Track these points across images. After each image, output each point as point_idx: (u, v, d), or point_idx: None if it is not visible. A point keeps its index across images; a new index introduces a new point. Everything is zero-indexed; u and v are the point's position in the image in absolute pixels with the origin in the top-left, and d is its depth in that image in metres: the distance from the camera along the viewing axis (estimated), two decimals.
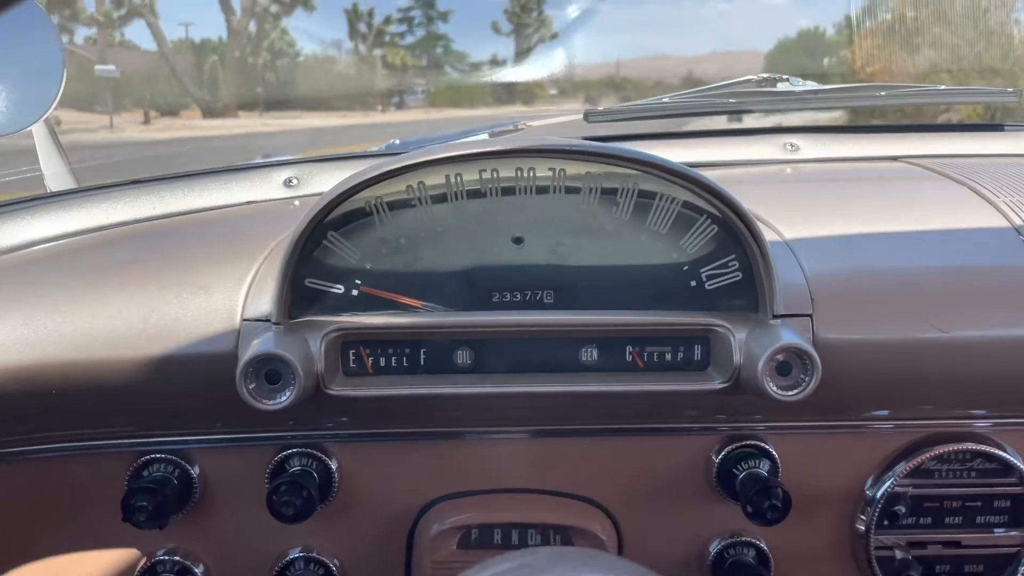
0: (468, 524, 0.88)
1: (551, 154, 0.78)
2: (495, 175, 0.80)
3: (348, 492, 0.87)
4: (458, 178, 0.80)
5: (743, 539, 0.90)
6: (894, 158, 1.12)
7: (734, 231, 0.80)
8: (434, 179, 0.80)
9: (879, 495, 0.89)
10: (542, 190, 0.81)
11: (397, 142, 1.25)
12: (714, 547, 0.90)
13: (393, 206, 0.80)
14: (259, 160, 1.07)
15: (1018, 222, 0.88)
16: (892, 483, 0.89)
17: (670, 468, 0.90)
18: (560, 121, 1.22)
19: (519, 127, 1.25)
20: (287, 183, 1.05)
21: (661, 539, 0.91)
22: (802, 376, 0.77)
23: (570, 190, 0.81)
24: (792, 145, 1.13)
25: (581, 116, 1.16)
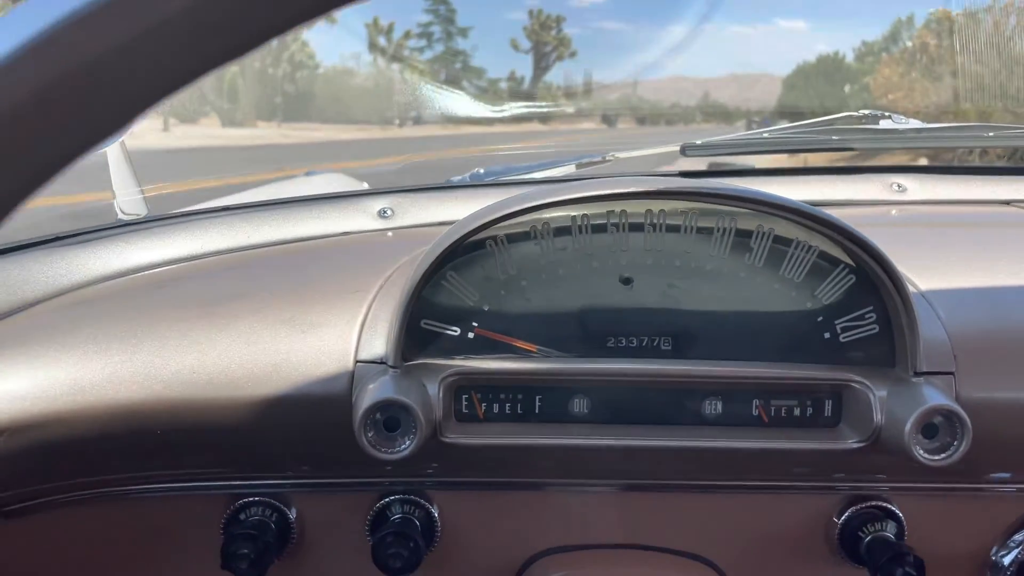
0: None
1: (692, 197, 0.74)
2: (623, 215, 0.76)
3: (450, 542, 0.83)
4: (585, 218, 0.76)
5: None
6: (1006, 202, 1.07)
7: (872, 281, 0.76)
8: (553, 214, 0.76)
9: (1008, 563, 0.84)
10: (672, 228, 0.77)
11: (482, 171, 1.22)
12: None
13: (512, 241, 0.76)
14: (353, 189, 1.04)
15: None
16: (1021, 551, 0.83)
17: (786, 528, 0.85)
18: (653, 152, 1.18)
19: (607, 159, 1.21)
20: (381, 213, 1.02)
21: None
22: (949, 439, 0.72)
23: (701, 230, 0.77)
24: (899, 186, 1.09)
25: (676, 148, 1.12)
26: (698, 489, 0.84)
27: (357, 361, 0.75)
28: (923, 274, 0.86)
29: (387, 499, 0.81)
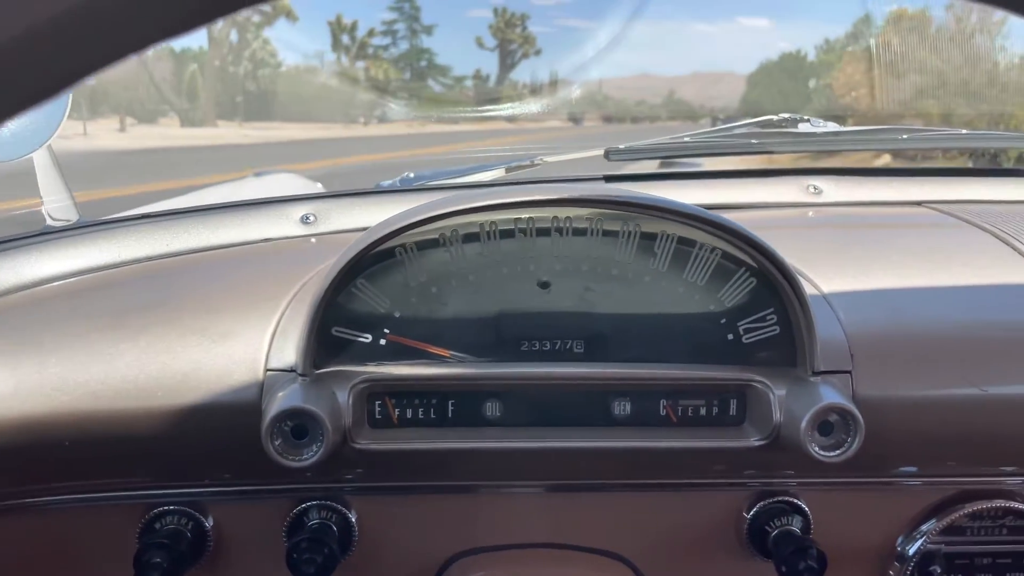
0: None
1: (593, 204, 0.76)
2: (530, 221, 0.77)
3: (368, 546, 0.84)
4: (493, 224, 0.77)
5: None
6: (918, 203, 1.11)
7: (773, 284, 0.78)
8: (461, 220, 0.78)
9: (912, 552, 0.87)
10: (579, 232, 0.78)
11: (411, 175, 1.23)
12: None
13: (424, 246, 0.78)
14: (276, 196, 1.04)
15: None
16: (925, 541, 0.87)
17: (699, 524, 0.87)
18: (578, 157, 1.20)
19: (535, 162, 1.23)
20: (304, 220, 1.02)
21: None
22: (844, 436, 0.75)
23: (607, 233, 0.79)
24: (815, 188, 1.12)
25: (600, 153, 1.14)
26: (613, 488, 0.86)
27: (267, 370, 0.76)
28: (829, 275, 0.88)
29: (304, 505, 0.82)
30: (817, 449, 0.74)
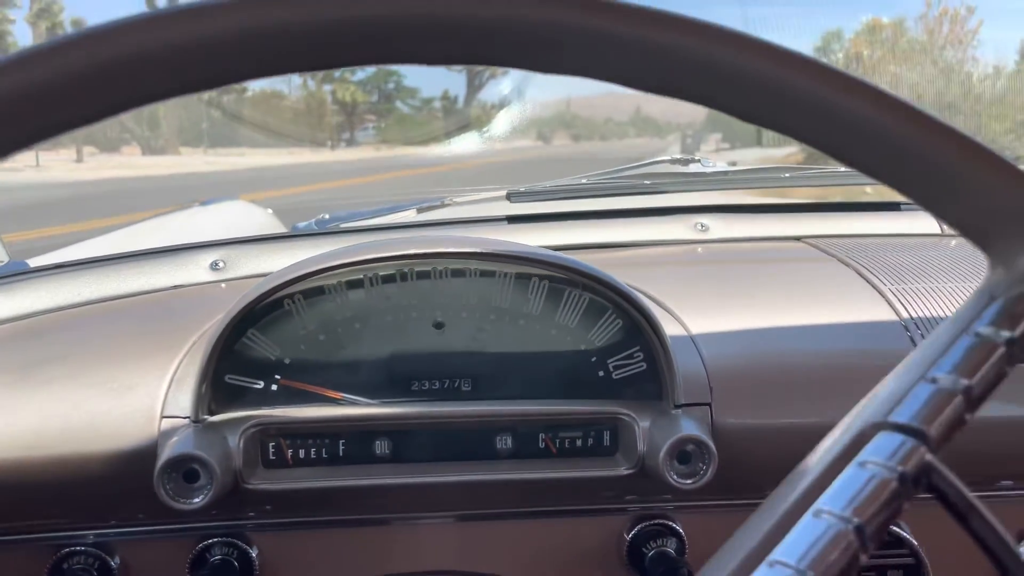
0: None
1: (467, 257, 0.82)
2: (411, 267, 0.84)
3: None
4: (375, 272, 0.83)
5: None
6: (797, 238, 1.19)
7: (637, 323, 0.85)
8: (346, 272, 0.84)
9: None
10: (458, 273, 0.85)
11: (327, 216, 1.28)
12: None
13: (311, 295, 0.83)
14: (185, 243, 1.09)
15: (898, 306, 0.95)
16: None
17: (584, 547, 0.93)
18: (484, 198, 1.26)
19: (445, 203, 1.29)
20: (213, 266, 1.07)
21: None
22: (701, 464, 0.81)
23: (485, 274, 0.85)
24: (702, 225, 1.19)
25: (503, 194, 1.21)
26: (503, 517, 0.92)
27: (163, 417, 0.81)
28: (701, 310, 0.96)
29: (206, 543, 0.86)
30: (675, 477, 0.81)
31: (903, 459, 0.35)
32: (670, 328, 0.91)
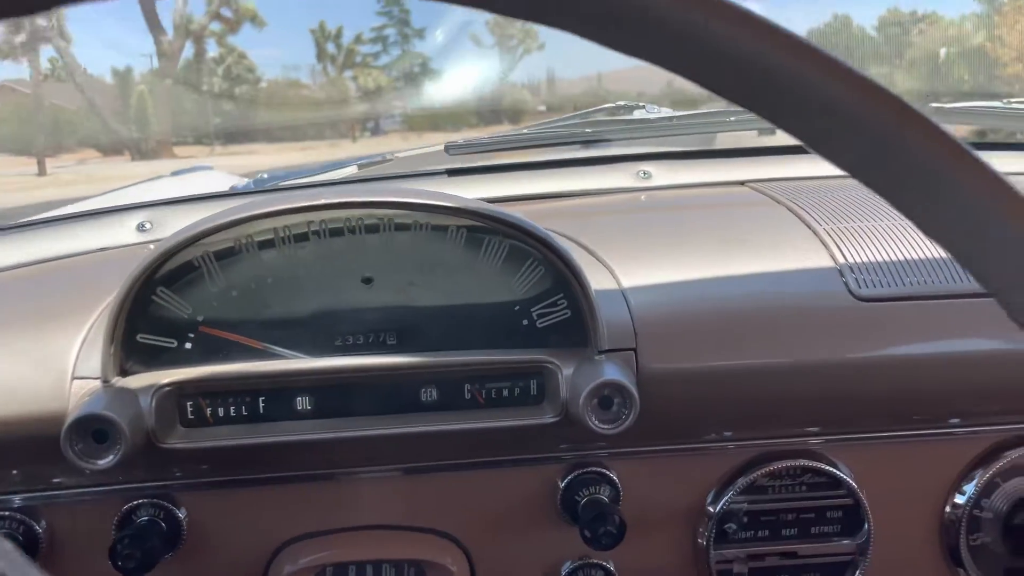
0: (322, 563, 0.89)
1: (376, 206, 0.80)
2: (323, 222, 0.82)
3: (199, 540, 0.88)
4: (286, 229, 0.81)
5: (591, 561, 0.94)
6: (741, 183, 1.17)
7: (560, 271, 0.84)
8: (264, 225, 0.82)
9: (716, 511, 0.93)
10: (372, 228, 0.83)
11: (265, 175, 1.26)
12: (564, 570, 0.94)
13: (224, 255, 0.82)
14: (109, 205, 1.07)
15: (833, 249, 0.94)
16: (728, 500, 0.93)
17: (519, 497, 0.93)
18: (423, 152, 1.24)
19: (387, 158, 1.27)
20: (140, 227, 1.05)
21: (512, 566, 0.94)
22: (623, 410, 0.80)
23: (400, 227, 0.83)
24: (645, 172, 1.17)
25: (441, 148, 1.19)
26: (436, 470, 0.91)
27: (74, 378, 0.79)
28: (628, 261, 0.94)
29: (130, 504, 0.86)
30: (596, 422, 0.80)
31: None
32: (600, 277, 0.90)
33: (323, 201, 0.78)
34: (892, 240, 0.95)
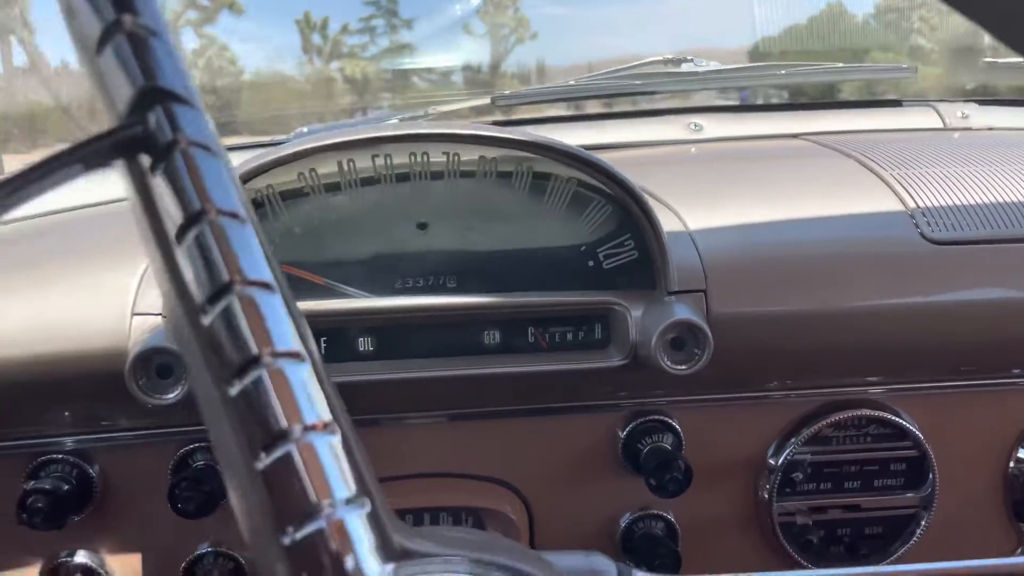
0: None
1: (439, 139, 0.78)
2: (388, 161, 0.80)
3: None
4: (351, 164, 0.79)
5: (651, 512, 0.92)
6: (795, 136, 1.15)
7: (629, 211, 0.81)
8: (329, 167, 0.80)
9: (779, 463, 0.91)
10: (437, 175, 0.81)
11: (305, 130, 1.24)
12: (624, 521, 0.92)
13: (288, 196, 0.80)
14: None
15: (903, 194, 0.92)
16: (791, 451, 0.91)
17: (578, 446, 0.91)
18: (468, 106, 1.22)
19: (429, 112, 1.24)
20: None
21: (572, 515, 0.92)
22: (695, 350, 0.79)
23: (466, 174, 0.81)
24: (696, 125, 1.15)
25: (488, 100, 1.16)
26: (495, 416, 0.89)
27: (134, 314, 0.77)
28: (696, 204, 0.92)
29: (187, 447, 0.84)
30: (668, 363, 0.78)
31: None
32: (666, 220, 0.87)
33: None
34: (963, 185, 0.93)
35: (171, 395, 0.73)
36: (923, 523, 0.94)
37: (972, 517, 0.96)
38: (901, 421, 0.92)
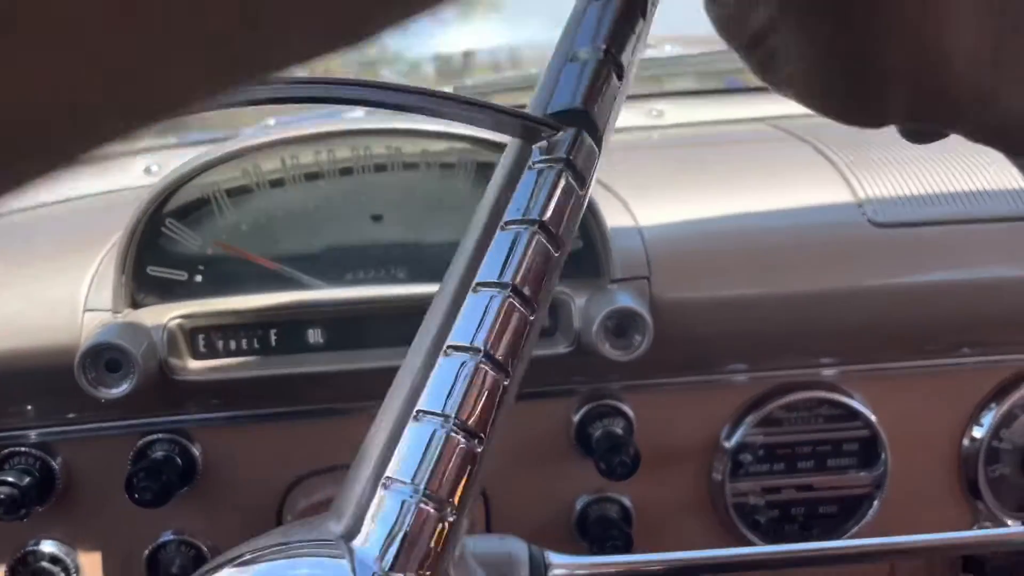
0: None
1: (388, 133, 0.80)
2: (331, 155, 0.81)
3: (214, 475, 0.88)
4: (294, 159, 0.81)
5: (606, 495, 0.93)
6: (758, 120, 1.15)
7: None
8: (271, 164, 0.81)
9: (732, 445, 0.93)
10: (381, 168, 0.82)
11: (272, 123, 1.25)
12: (579, 504, 0.94)
13: (235, 193, 0.81)
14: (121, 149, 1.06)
15: (851, 178, 0.92)
16: (743, 433, 0.92)
17: (534, 431, 0.92)
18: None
19: None
20: (147, 171, 1.05)
21: (528, 501, 0.94)
22: (636, 336, 0.80)
23: (409, 166, 0.82)
24: (657, 111, 1.15)
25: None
26: None
27: (85, 311, 0.79)
28: (641, 193, 0.93)
29: (146, 439, 0.86)
30: (610, 349, 0.79)
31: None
32: (612, 209, 0.88)
33: (322, 130, 0.78)
34: (910, 169, 0.93)
35: (118, 388, 0.75)
36: (875, 502, 0.95)
37: (927, 495, 0.98)
38: (852, 402, 0.93)
